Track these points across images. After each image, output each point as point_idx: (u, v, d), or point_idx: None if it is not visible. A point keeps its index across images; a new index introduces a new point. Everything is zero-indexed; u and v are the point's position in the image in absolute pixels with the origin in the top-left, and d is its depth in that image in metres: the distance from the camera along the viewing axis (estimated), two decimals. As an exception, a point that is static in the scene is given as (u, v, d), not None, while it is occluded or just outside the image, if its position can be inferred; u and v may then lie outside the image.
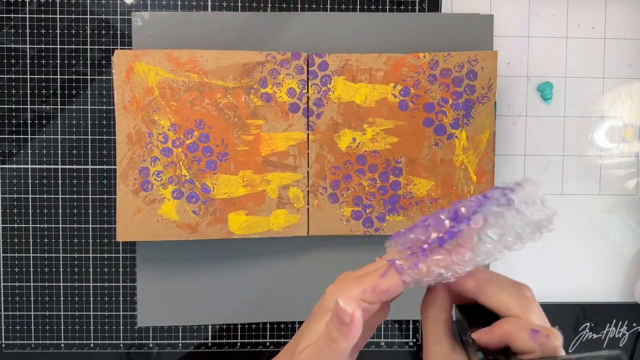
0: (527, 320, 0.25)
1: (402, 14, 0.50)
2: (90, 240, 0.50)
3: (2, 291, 0.50)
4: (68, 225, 0.50)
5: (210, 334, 0.52)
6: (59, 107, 0.50)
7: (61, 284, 0.51)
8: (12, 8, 0.49)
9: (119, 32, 0.50)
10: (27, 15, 0.49)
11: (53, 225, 0.50)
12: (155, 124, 0.47)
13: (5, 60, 0.50)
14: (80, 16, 0.50)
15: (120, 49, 0.49)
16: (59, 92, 0.50)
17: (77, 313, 0.51)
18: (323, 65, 0.48)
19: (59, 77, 0.50)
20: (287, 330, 0.52)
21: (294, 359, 0.27)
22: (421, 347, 0.52)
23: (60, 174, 0.50)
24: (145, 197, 0.47)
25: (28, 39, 0.49)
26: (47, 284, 0.50)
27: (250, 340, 0.52)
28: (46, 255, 0.50)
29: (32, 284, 0.50)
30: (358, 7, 0.51)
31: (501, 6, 0.51)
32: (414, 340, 0.52)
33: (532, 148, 0.52)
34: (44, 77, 0.50)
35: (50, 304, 0.51)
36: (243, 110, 0.47)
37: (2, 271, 0.50)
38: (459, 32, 0.50)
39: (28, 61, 0.50)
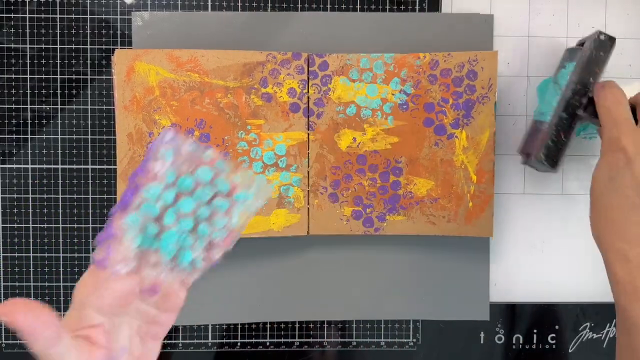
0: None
1: (402, 14, 0.50)
2: (90, 240, 0.50)
3: (2, 291, 0.50)
4: (68, 225, 0.50)
5: (210, 333, 0.52)
6: (59, 107, 0.50)
7: (61, 284, 0.51)
8: (12, 8, 0.49)
9: (119, 32, 0.50)
10: (27, 15, 0.49)
11: (53, 225, 0.50)
12: (155, 123, 0.47)
13: (5, 60, 0.50)
14: (80, 16, 0.50)
15: (120, 48, 0.49)
16: (58, 92, 0.50)
17: (77, 313, 0.51)
18: (323, 65, 0.48)
19: (58, 77, 0.50)
20: (287, 330, 0.52)
21: None
22: (421, 348, 0.52)
23: (60, 174, 0.50)
24: (145, 197, 0.47)
25: (28, 38, 0.49)
26: (47, 284, 0.50)
27: (250, 340, 0.52)
28: (46, 255, 0.50)
29: (32, 284, 0.50)
30: (358, 7, 0.51)
31: (501, 6, 0.51)
32: (414, 340, 0.52)
33: (532, 148, 0.52)
34: (43, 77, 0.50)
35: (50, 304, 0.50)
36: (244, 110, 0.47)
37: (2, 271, 0.50)
38: (459, 32, 0.50)
39: (28, 61, 0.50)
